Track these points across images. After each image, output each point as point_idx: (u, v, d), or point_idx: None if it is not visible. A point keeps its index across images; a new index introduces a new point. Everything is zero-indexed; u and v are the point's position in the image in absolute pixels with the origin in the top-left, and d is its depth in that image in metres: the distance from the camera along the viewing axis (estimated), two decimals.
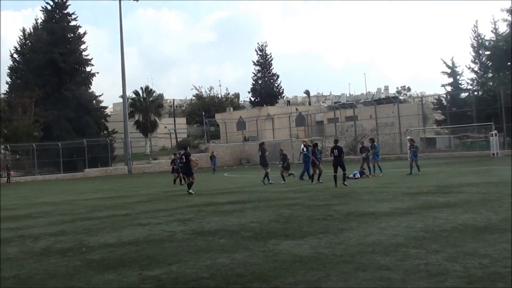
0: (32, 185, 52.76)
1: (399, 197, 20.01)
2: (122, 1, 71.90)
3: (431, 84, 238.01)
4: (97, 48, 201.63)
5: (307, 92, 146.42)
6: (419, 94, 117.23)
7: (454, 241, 10.99)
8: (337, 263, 9.54)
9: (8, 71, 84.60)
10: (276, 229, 14.07)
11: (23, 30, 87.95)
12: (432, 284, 7.91)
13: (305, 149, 33.93)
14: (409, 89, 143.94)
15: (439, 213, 15.00)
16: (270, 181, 32.37)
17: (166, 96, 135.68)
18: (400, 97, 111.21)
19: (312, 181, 30.13)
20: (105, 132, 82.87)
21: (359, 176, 32.22)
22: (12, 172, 64.50)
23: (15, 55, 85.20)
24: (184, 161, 29.12)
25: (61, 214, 21.51)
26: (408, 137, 40.96)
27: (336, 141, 29.09)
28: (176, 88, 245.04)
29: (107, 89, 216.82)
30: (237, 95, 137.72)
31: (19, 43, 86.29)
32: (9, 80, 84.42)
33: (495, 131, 53.80)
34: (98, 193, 34.17)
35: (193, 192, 27.49)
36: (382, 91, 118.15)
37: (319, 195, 22.75)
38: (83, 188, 41.20)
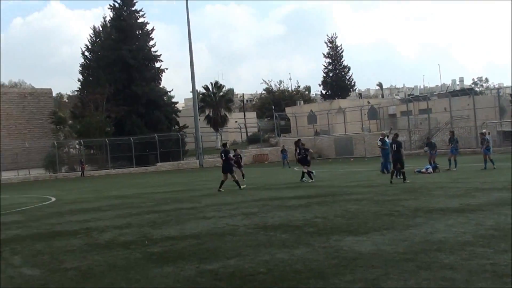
0: (105, 179, 53.62)
1: (471, 192, 19.40)
2: None
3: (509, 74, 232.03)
4: (167, 44, 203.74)
5: (379, 85, 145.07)
6: (497, 86, 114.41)
7: None
8: (398, 261, 9.26)
9: (80, 68, 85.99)
10: (340, 224, 13.84)
11: (93, 28, 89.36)
12: (497, 285, 7.57)
13: (379, 143, 33.62)
14: (486, 80, 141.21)
15: None
16: (312, 180, 30.70)
17: (236, 91, 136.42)
18: (476, 89, 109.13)
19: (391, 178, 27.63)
20: (176, 127, 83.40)
21: (432, 171, 31.45)
22: (86, 166, 65.69)
23: (86, 53, 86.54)
24: (223, 158, 27.94)
25: (129, 207, 21.75)
26: (483, 131, 39.77)
27: (395, 135, 27.83)
28: (246, 83, 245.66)
29: (178, 85, 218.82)
30: (308, 88, 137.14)
31: (90, 41, 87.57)
32: (81, 77, 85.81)
33: None
34: (168, 187, 34.43)
35: (245, 186, 27.82)
36: (457, 82, 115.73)
37: (388, 190, 22.29)
38: (154, 181, 41.59)
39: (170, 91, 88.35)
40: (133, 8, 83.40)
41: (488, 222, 12.84)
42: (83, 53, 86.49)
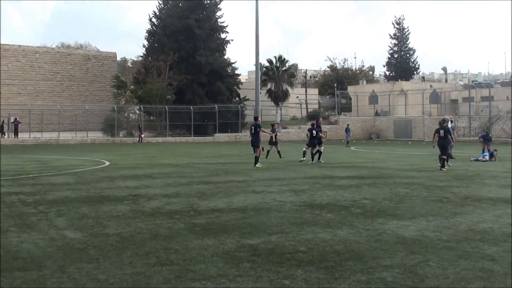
0: (162, 146, 54.11)
1: None
2: None
3: None
4: (235, 16, 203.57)
5: (444, 69, 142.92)
6: None
7: None
8: (440, 249, 9.22)
9: (146, 35, 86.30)
10: (387, 207, 13.80)
11: None
12: None
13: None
14: None
15: None
16: (319, 160, 30.11)
17: (300, 66, 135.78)
18: None
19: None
20: (237, 99, 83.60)
21: (488, 159, 31.05)
22: (144, 132, 66.09)
23: (153, 20, 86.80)
24: (253, 132, 27.51)
25: (180, 177, 21.92)
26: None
27: (443, 121, 27.05)
28: (311, 59, 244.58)
29: (243, 57, 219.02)
30: (372, 69, 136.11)
31: (158, 7, 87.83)
32: (146, 43, 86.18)
33: None
34: (222, 158, 34.68)
35: (260, 166, 26.55)
36: None
37: (441, 176, 22.10)
38: (210, 152, 41.89)
39: (234, 63, 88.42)
40: None
41: None
42: (150, 20, 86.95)
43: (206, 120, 71.86)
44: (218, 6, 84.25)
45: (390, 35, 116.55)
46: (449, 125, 33.09)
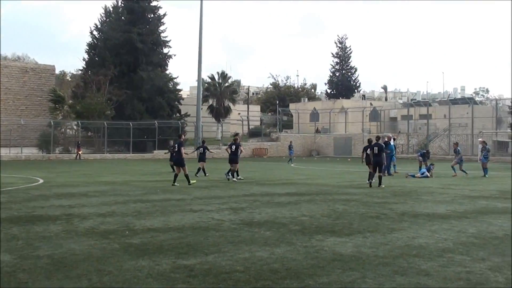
0: (99, 163, 53.29)
1: (459, 199, 19.55)
2: None
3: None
4: (178, 30, 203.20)
5: (384, 88, 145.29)
6: (497, 97, 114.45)
7: (503, 250, 10.65)
8: (376, 265, 9.26)
9: (87, 48, 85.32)
10: (325, 224, 13.83)
11: (105, 8, 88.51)
12: None
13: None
14: (487, 91, 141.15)
15: (495, 219, 14.55)
16: (238, 177, 29.84)
17: (244, 83, 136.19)
18: (477, 99, 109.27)
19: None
20: (178, 115, 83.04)
21: (428, 175, 31.60)
22: (81, 152, 64.41)
23: (94, 32, 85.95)
24: (177, 150, 26.80)
25: (116, 195, 21.59)
26: (480, 139, 40.15)
27: (377, 138, 26.82)
28: (254, 76, 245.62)
29: (185, 72, 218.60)
30: (314, 86, 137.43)
31: (100, 20, 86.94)
32: (86, 57, 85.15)
33: None
34: (160, 176, 34.31)
35: (195, 181, 26.38)
36: (459, 91, 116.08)
37: (378, 192, 22.34)
38: (148, 169, 41.51)
39: (175, 78, 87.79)
40: None
41: (470, 229, 12.99)
42: (91, 32, 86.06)
43: (146, 136, 71.25)
44: (162, 20, 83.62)
45: (332, 53, 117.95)
46: (392, 142, 33.78)
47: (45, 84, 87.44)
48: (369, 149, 26.22)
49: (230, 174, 29.47)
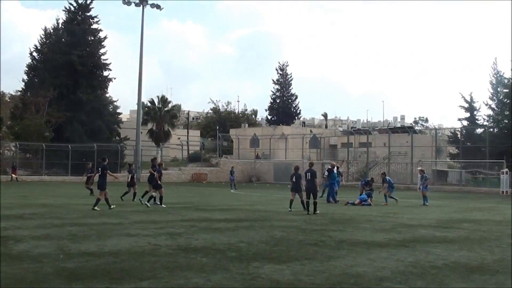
0: (36, 185, 52.40)
1: (398, 228, 19.57)
2: (146, 9, 71.83)
3: (450, 117, 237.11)
4: (119, 54, 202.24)
5: (324, 115, 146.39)
6: (436, 126, 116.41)
7: (441, 279, 10.65)
8: None
9: (26, 69, 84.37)
10: (263, 251, 13.72)
11: (45, 29, 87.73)
12: None
13: (326, 173, 34.03)
14: (426, 120, 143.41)
15: (434, 248, 14.59)
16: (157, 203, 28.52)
17: (184, 108, 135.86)
18: (416, 128, 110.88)
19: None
20: (117, 138, 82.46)
21: (370, 202, 31.90)
22: (16, 175, 62.89)
23: (34, 54, 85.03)
24: (100, 174, 26.14)
25: (53, 218, 21.18)
26: (418, 168, 40.71)
27: (310, 164, 27.05)
28: (195, 101, 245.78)
29: (126, 95, 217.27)
30: (254, 112, 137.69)
31: (40, 42, 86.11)
32: (26, 78, 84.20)
33: (506, 169, 53.42)
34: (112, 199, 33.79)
35: (98, 209, 24.73)
36: (399, 120, 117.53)
37: (317, 219, 22.34)
38: (86, 192, 40.86)
39: (115, 101, 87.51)
40: (88, 14, 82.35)
41: (409, 258, 12.96)
42: (31, 53, 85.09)
43: (84, 159, 70.18)
44: (102, 43, 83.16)
45: (273, 80, 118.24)
46: (335, 170, 34.03)
47: None
48: (294, 177, 26.40)
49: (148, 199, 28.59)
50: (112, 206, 25.69)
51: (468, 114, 74.43)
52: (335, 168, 35.11)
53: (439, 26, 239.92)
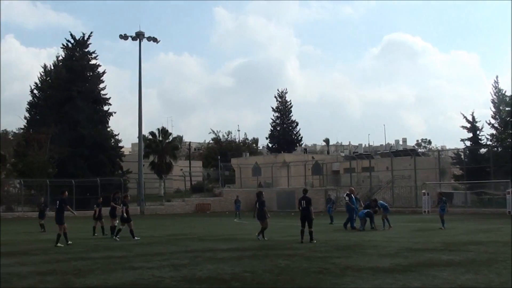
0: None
1: (403, 252, 19.44)
2: (143, 43, 72.44)
3: (452, 138, 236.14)
4: (118, 88, 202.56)
5: (326, 141, 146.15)
6: (439, 148, 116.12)
7: None
8: None
9: (28, 106, 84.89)
10: (267, 280, 13.66)
11: (44, 67, 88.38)
12: None
13: (347, 198, 33.81)
14: (429, 142, 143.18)
15: (440, 272, 14.48)
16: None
17: (185, 138, 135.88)
18: (419, 150, 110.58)
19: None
20: (120, 171, 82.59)
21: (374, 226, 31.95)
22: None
23: (35, 91, 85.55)
24: (57, 207, 25.44)
25: (58, 253, 21.17)
26: (438, 191, 40.40)
27: (304, 191, 25.65)
28: (195, 131, 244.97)
29: (126, 129, 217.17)
30: (255, 141, 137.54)
31: (40, 79, 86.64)
32: (27, 115, 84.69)
33: None
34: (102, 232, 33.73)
35: (62, 245, 24.05)
36: (401, 143, 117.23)
37: (321, 246, 22.23)
38: (90, 227, 40.78)
39: (116, 135, 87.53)
40: (86, 50, 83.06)
41: (415, 283, 12.87)
42: (32, 91, 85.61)
43: (88, 193, 70.31)
44: (101, 78, 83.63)
45: (272, 108, 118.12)
46: (347, 198, 33.86)
47: None
48: (257, 203, 26.38)
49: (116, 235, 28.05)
50: (69, 242, 24.73)
51: (471, 134, 74.30)
52: (353, 194, 35.02)
53: (439, 45, 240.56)
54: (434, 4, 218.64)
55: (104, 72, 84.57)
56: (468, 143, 74.43)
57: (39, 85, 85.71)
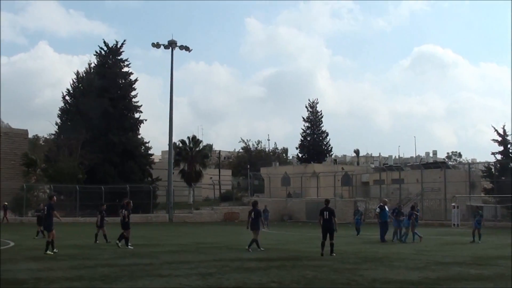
0: (70, 227, 52.55)
1: (431, 266, 19.30)
2: (175, 51, 72.96)
3: (483, 151, 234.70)
4: (150, 96, 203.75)
5: (356, 152, 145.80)
6: (470, 161, 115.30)
7: None
8: None
9: (59, 112, 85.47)
10: None
11: (77, 73, 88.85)
12: None
13: (378, 210, 33.63)
14: (460, 155, 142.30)
15: (469, 286, 14.38)
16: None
17: (215, 147, 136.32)
18: (449, 163, 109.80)
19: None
20: (149, 179, 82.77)
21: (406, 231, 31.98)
22: (7, 217, 61.97)
23: (67, 97, 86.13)
24: (46, 213, 24.87)
25: (85, 259, 21.28)
26: (474, 205, 40.16)
27: (326, 202, 24.60)
28: (225, 140, 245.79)
29: (157, 136, 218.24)
30: (285, 150, 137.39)
31: (72, 85, 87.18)
32: (59, 121, 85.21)
33: None
34: (131, 240, 33.81)
35: (52, 253, 23.51)
36: (431, 155, 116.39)
37: (350, 258, 22.13)
38: (118, 233, 41.03)
39: (147, 142, 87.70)
40: (118, 57, 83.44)
41: None
42: (63, 97, 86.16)
43: (117, 200, 70.53)
44: (133, 86, 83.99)
45: (303, 118, 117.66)
46: (386, 208, 33.77)
47: (18, 148, 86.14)
48: (253, 213, 26.08)
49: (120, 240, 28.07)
50: (55, 250, 24.07)
51: (501, 148, 73.65)
52: (386, 206, 34.83)
53: (469, 57, 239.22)
54: (464, 16, 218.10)
55: (136, 80, 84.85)
56: (498, 157, 73.76)
57: (71, 91, 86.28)
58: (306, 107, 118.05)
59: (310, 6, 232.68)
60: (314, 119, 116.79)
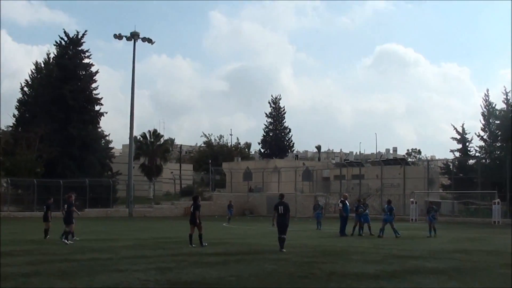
0: (27, 222, 52.02)
1: (388, 259, 19.55)
2: (137, 44, 72.63)
3: (442, 148, 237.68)
4: (111, 89, 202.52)
5: (318, 148, 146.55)
6: (429, 158, 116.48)
7: None
8: None
9: (17, 104, 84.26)
10: (252, 284, 13.65)
11: (36, 64, 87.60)
12: None
13: (340, 205, 33.87)
14: (419, 152, 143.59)
15: (424, 279, 14.57)
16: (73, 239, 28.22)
17: (177, 141, 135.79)
18: (409, 160, 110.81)
19: None
20: (109, 173, 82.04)
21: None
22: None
23: (25, 89, 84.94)
24: (66, 210, 25.88)
25: (43, 254, 21.06)
26: (429, 200, 40.91)
27: (281, 196, 23.93)
28: (187, 134, 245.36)
29: (117, 130, 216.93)
30: (248, 146, 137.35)
31: (31, 76, 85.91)
32: (17, 113, 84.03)
33: (498, 200, 53.60)
34: (89, 235, 33.62)
35: (70, 242, 24.63)
36: (391, 152, 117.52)
37: (309, 251, 22.32)
38: (76, 228, 40.58)
39: (107, 136, 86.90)
40: (79, 48, 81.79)
41: None
42: (22, 89, 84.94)
43: (76, 194, 69.85)
44: (94, 78, 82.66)
45: (266, 113, 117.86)
46: (347, 202, 34.07)
47: None
48: (192, 207, 25.46)
49: (64, 236, 27.30)
50: (75, 238, 25.10)
51: (460, 146, 74.79)
52: (347, 200, 35.24)
53: (432, 55, 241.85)
54: (427, 16, 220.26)
55: (97, 72, 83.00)
56: (457, 154, 74.88)
57: (30, 82, 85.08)
58: (269, 102, 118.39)
59: (275, 2, 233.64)
60: (276, 115, 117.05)
